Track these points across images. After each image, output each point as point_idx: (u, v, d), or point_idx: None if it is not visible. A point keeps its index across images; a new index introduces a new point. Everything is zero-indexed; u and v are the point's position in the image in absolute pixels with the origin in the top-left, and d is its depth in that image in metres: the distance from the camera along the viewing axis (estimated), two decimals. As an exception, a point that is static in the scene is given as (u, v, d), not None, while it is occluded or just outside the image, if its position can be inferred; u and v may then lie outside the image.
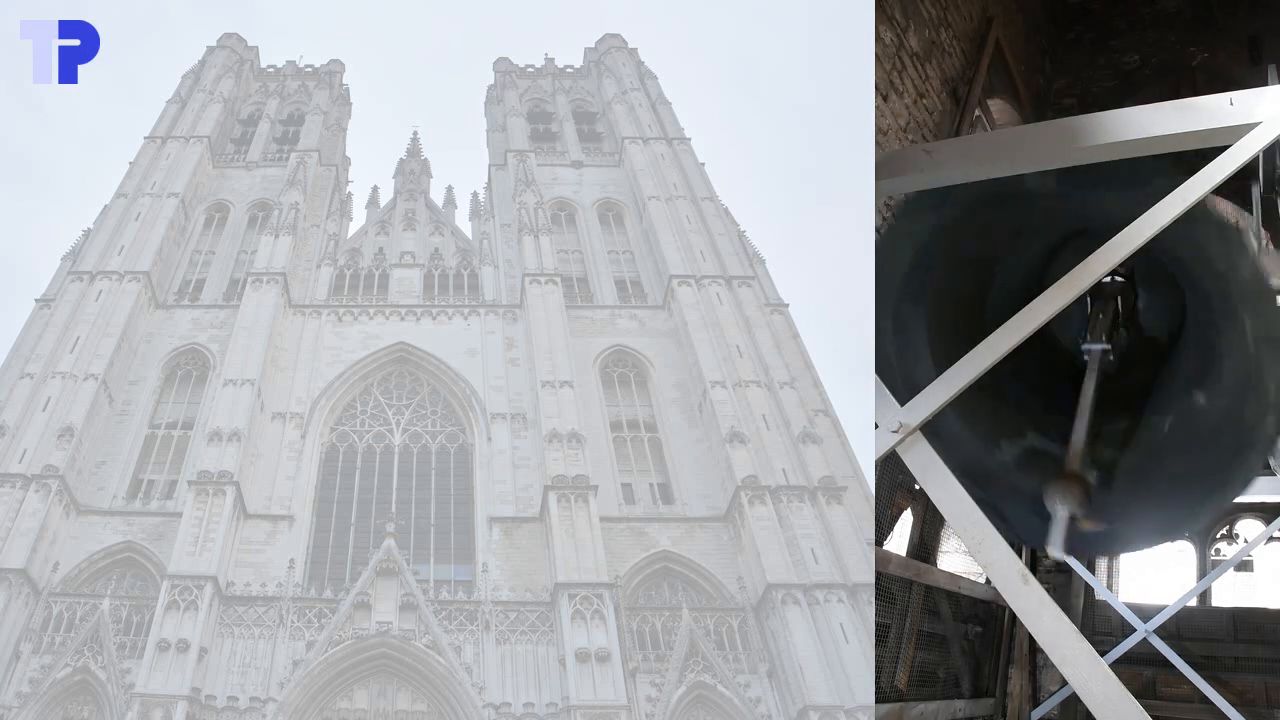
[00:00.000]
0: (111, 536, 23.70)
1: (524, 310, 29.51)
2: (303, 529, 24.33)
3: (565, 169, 36.21)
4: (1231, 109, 7.62)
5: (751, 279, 29.96)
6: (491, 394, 27.53)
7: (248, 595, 22.06)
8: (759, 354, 27.34)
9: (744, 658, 21.32)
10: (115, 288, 29.09)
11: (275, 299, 29.28)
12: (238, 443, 24.65)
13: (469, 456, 26.49)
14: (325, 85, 41.46)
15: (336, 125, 40.25)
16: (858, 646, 20.49)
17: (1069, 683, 6.34)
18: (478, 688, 20.56)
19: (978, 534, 6.65)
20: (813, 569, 22.03)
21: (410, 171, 37.58)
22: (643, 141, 35.79)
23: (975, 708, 15.51)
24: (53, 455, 24.15)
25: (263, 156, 37.03)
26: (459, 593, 22.77)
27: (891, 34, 12.30)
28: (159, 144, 35.39)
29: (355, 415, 27.65)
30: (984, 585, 15.62)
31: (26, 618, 21.37)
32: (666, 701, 20.28)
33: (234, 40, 42.47)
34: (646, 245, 32.53)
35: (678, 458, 26.00)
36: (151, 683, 19.85)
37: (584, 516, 23.24)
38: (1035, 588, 6.34)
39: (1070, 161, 8.24)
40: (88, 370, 26.43)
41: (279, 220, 32.24)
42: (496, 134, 39.06)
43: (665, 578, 23.40)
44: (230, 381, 26.36)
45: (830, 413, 25.92)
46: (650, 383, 28.14)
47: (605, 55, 41.91)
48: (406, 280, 31.71)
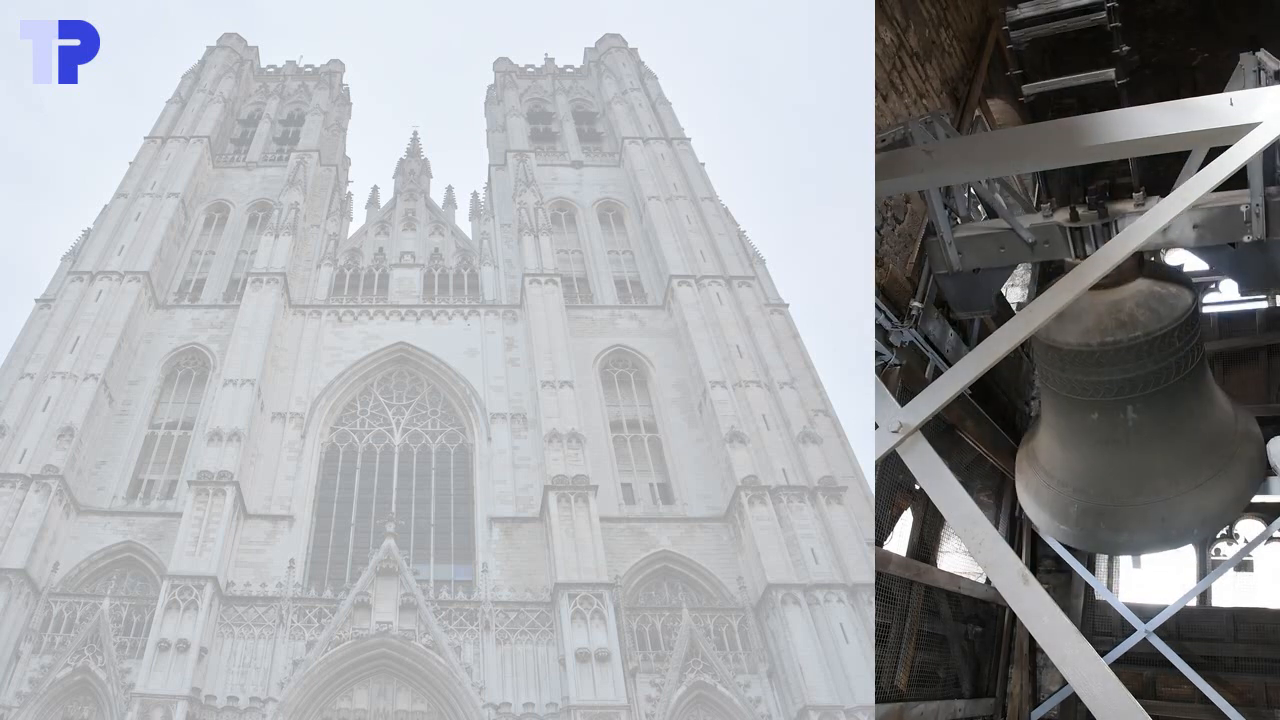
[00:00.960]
0: (111, 536, 23.71)
1: (524, 310, 29.51)
2: (303, 529, 24.33)
3: (565, 169, 36.21)
4: (1231, 109, 7.62)
5: (751, 279, 29.95)
6: (491, 394, 27.53)
7: (248, 595, 22.06)
8: (759, 354, 27.33)
9: (744, 658, 21.32)
10: (115, 288, 29.08)
11: (275, 299, 29.27)
12: (238, 443, 24.65)
13: (469, 456, 26.49)
14: (325, 85, 41.45)
15: (336, 125, 40.25)
16: (858, 646, 20.49)
17: (1069, 683, 6.34)
18: (478, 688, 20.56)
19: (978, 534, 6.64)
20: (813, 569, 22.03)
21: (410, 171, 37.56)
22: (643, 141, 35.79)
23: (975, 708, 15.50)
24: (53, 455, 24.15)
25: (263, 156, 37.03)
26: (459, 593, 22.77)
27: (891, 34, 12.29)
28: (159, 144, 35.39)
29: (355, 415, 27.65)
30: (984, 585, 15.62)
31: (26, 618, 21.37)
32: (666, 701, 20.27)
33: (234, 40, 42.46)
34: (646, 245, 32.52)
35: (678, 458, 26.00)
36: (151, 683, 19.85)
37: (584, 516, 23.23)
38: (1035, 588, 6.33)
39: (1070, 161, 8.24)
40: (88, 370, 26.43)
41: (279, 220, 32.24)
42: (496, 134, 39.06)
43: (665, 578, 23.40)
44: (230, 381, 26.36)
45: (830, 413, 25.91)
46: (650, 383, 28.14)
47: (605, 55, 41.90)
48: (406, 280, 31.70)
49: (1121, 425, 11.27)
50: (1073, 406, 11.72)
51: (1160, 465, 11.75)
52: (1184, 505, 11.86)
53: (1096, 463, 12.07)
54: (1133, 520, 12.15)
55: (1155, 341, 10.60)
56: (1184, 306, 10.77)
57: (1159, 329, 10.60)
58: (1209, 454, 11.95)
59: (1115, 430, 11.36)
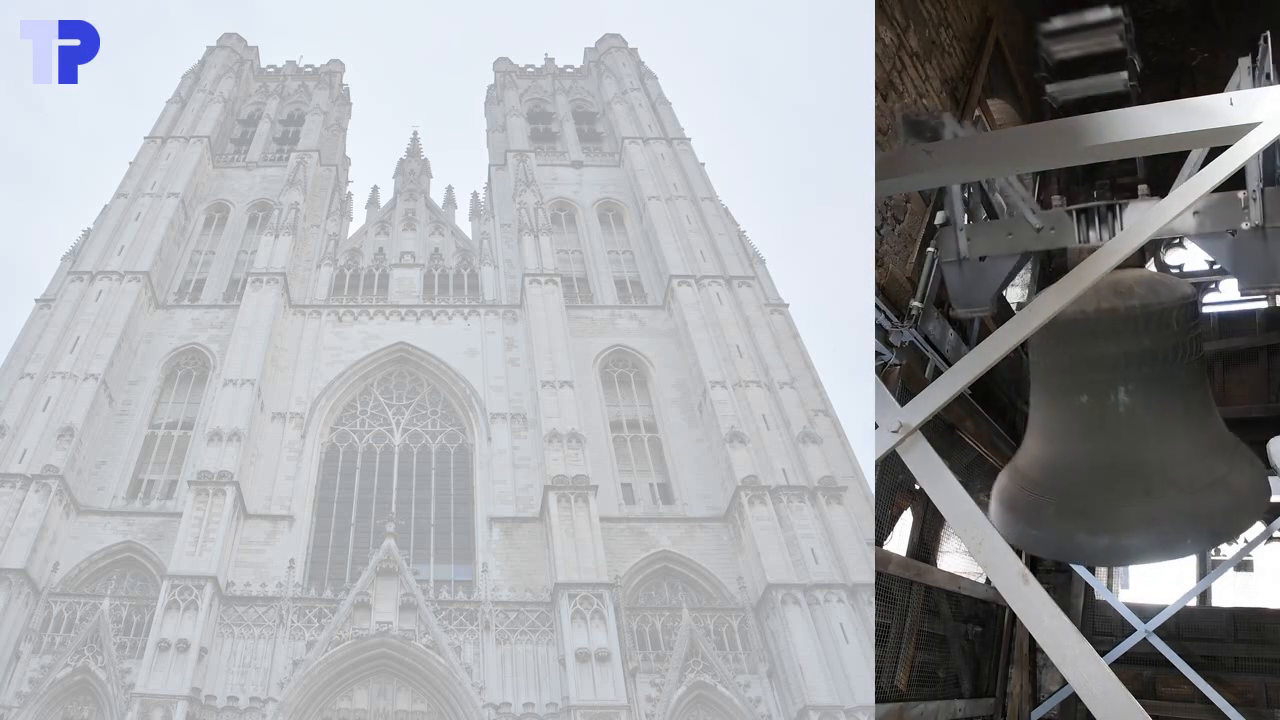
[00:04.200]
0: (111, 536, 23.71)
1: (524, 310, 29.51)
2: (303, 529, 24.33)
3: (565, 169, 36.21)
4: (1231, 109, 7.61)
5: (751, 279, 29.96)
6: (491, 394, 27.53)
7: (248, 595, 22.07)
8: (759, 354, 27.34)
9: (744, 658, 21.32)
10: (115, 288, 29.09)
11: (275, 299, 29.28)
12: (238, 443, 24.66)
13: (469, 456, 26.49)
14: (325, 85, 41.45)
15: (336, 125, 40.25)
16: (858, 646, 20.49)
17: (1069, 683, 6.34)
18: (478, 688, 20.56)
19: (978, 534, 6.63)
20: (813, 569, 22.03)
21: (410, 171, 37.57)
22: (643, 141, 35.79)
23: (975, 708, 15.50)
24: (53, 455, 24.16)
25: (263, 156, 37.03)
26: (459, 593, 22.78)
27: (891, 34, 12.29)
28: (159, 144, 35.39)
29: (355, 415, 27.65)
30: (984, 585, 15.62)
31: (26, 618, 21.37)
32: (666, 701, 20.28)
33: (234, 40, 42.46)
34: (646, 245, 32.53)
35: (678, 458, 26.00)
36: (151, 683, 19.86)
37: (584, 516, 23.23)
38: (1035, 588, 6.33)
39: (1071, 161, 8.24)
40: (88, 370, 26.43)
41: (279, 220, 32.24)
42: (496, 134, 39.06)
43: (665, 578, 23.40)
44: (230, 381, 26.36)
45: (830, 413, 25.92)
46: (650, 383, 28.14)
47: (605, 55, 41.90)
48: (406, 280, 31.70)
49: (1112, 409, 10.90)
50: (1061, 390, 11.34)
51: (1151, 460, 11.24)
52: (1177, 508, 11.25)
53: (1079, 455, 11.14)
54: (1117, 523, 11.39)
55: (1152, 315, 10.42)
56: (1183, 292, 10.67)
57: (1157, 303, 10.48)
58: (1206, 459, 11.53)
59: (1105, 414, 10.94)
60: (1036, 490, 11.46)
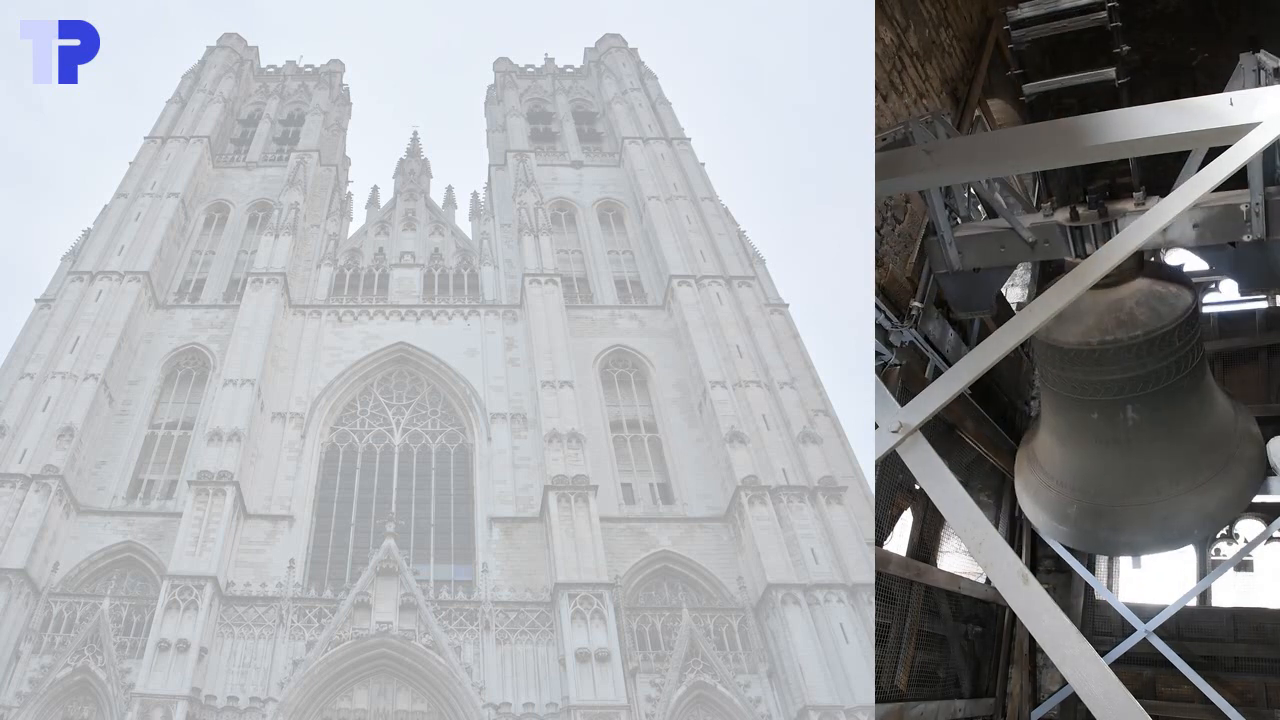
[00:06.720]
0: (111, 536, 23.71)
1: (524, 310, 29.50)
2: (303, 529, 24.33)
3: (565, 169, 36.20)
4: (1231, 109, 7.62)
5: (751, 279, 29.95)
6: (491, 394, 27.52)
7: (248, 595, 22.06)
8: (759, 354, 27.33)
9: (744, 658, 21.32)
10: (115, 288, 29.08)
11: (275, 299, 29.27)
12: (238, 443, 24.65)
13: (469, 456, 26.49)
14: (325, 85, 41.46)
15: (336, 125, 40.25)
16: (858, 646, 20.48)
17: (1069, 683, 6.34)
18: (478, 688, 20.56)
19: (978, 534, 6.63)
20: (813, 569, 22.03)
21: (410, 171, 37.56)
22: (643, 141, 35.78)
23: (975, 708, 15.49)
24: (53, 455, 24.15)
25: (263, 156, 37.03)
26: (459, 593, 22.77)
27: (891, 34, 12.29)
28: (159, 144, 35.40)
29: (355, 415, 27.64)
30: (984, 585, 15.61)
31: (26, 618, 21.37)
32: (666, 701, 20.27)
33: (234, 40, 42.46)
34: (646, 245, 32.52)
35: (678, 458, 25.99)
36: (151, 683, 19.85)
37: (584, 516, 23.23)
38: (1035, 588, 6.33)
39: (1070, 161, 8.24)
40: (88, 370, 26.43)
41: (279, 220, 32.24)
42: (496, 134, 39.05)
43: (665, 578, 23.39)
44: (230, 381, 26.35)
45: (830, 413, 25.91)
46: (650, 383, 28.13)
47: (605, 55, 41.90)
48: (406, 280, 31.70)
49: (1121, 425, 11.27)
50: (1072, 406, 11.73)
51: (1160, 465, 11.75)
52: (1184, 505, 11.85)
53: (1096, 462, 12.08)
54: (1133, 520, 12.17)
55: (1155, 341, 10.60)
56: (1184, 306, 10.77)
57: (1159, 328, 10.60)
58: (1209, 454, 11.95)
59: (1115, 430, 11.37)
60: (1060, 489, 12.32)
